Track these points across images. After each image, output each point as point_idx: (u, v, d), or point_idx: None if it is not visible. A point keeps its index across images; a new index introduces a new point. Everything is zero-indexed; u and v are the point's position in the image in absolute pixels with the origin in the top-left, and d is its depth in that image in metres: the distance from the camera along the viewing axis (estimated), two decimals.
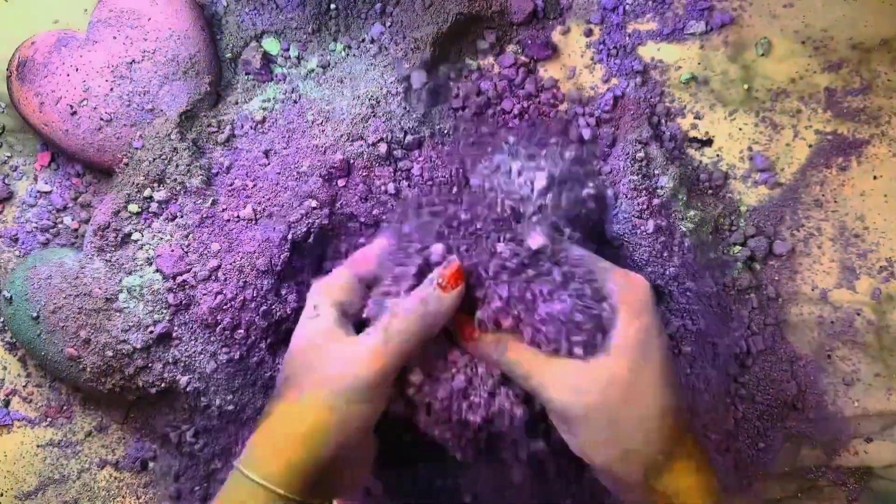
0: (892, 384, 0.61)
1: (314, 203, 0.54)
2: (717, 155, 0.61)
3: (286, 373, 0.45)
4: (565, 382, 0.43)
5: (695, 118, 0.61)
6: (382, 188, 0.55)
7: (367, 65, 0.58)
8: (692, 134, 0.61)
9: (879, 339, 0.61)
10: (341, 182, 0.55)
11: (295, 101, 0.57)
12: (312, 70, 0.59)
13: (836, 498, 0.61)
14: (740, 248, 0.61)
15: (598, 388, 0.42)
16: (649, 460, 0.43)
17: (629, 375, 0.42)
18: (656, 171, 0.58)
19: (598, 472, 0.44)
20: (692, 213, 0.59)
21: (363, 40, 0.60)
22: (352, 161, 0.55)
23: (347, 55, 0.59)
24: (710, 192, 0.61)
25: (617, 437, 0.42)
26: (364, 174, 0.55)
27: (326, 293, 0.46)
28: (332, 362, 0.43)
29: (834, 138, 0.62)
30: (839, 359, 0.61)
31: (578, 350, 0.43)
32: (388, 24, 0.59)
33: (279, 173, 0.55)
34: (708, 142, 0.61)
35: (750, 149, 0.62)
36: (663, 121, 0.61)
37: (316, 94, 0.57)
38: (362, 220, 0.55)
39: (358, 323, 0.46)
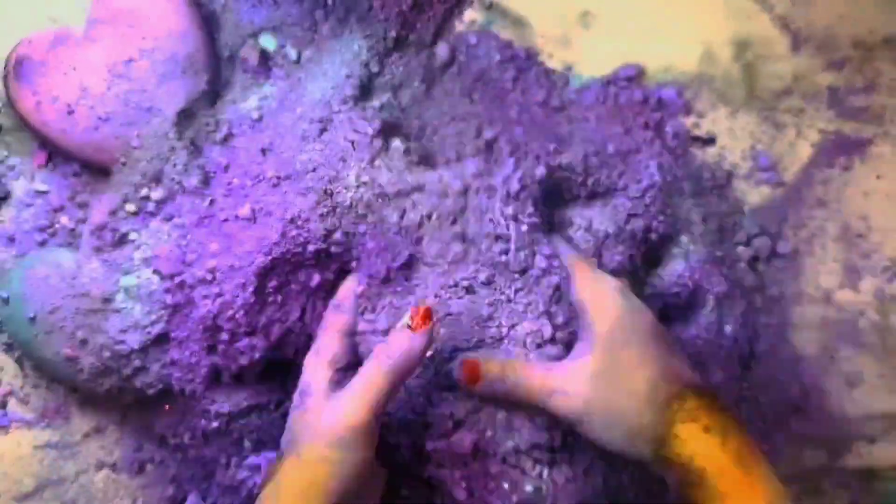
0: (895, 385, 0.61)
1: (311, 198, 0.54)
2: (720, 154, 0.61)
3: (287, 437, 0.49)
4: (560, 388, 0.47)
5: (697, 117, 0.61)
6: None
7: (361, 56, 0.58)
8: (695, 132, 0.61)
9: (883, 339, 0.61)
10: None
11: (291, 99, 0.57)
12: (308, 65, 0.59)
13: (840, 499, 0.61)
14: (744, 247, 0.61)
15: (586, 384, 0.47)
16: (650, 435, 0.46)
17: (608, 364, 0.47)
18: None
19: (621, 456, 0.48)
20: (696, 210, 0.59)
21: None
22: None
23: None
24: (713, 191, 0.61)
25: (615, 422, 0.46)
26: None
27: (317, 364, 0.51)
28: (324, 417, 0.47)
29: (837, 137, 0.61)
30: (843, 360, 0.61)
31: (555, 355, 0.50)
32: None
33: (276, 171, 0.54)
34: (710, 140, 0.61)
35: (753, 148, 0.61)
36: (665, 118, 0.61)
37: (310, 90, 0.57)
38: None
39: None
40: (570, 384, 0.47)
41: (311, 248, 0.53)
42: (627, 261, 0.55)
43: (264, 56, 0.59)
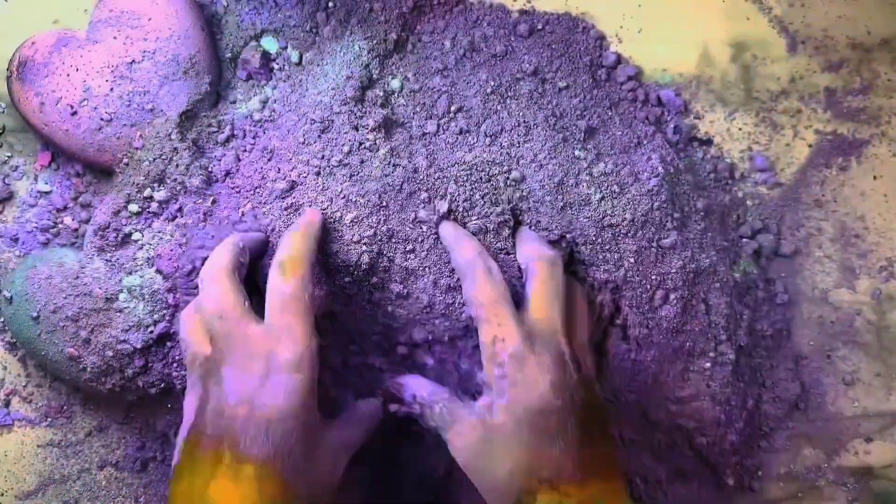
0: (892, 384, 0.61)
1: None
2: (718, 155, 0.62)
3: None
4: (454, 438, 0.48)
5: (694, 118, 0.62)
6: None
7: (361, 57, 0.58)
8: (692, 133, 0.62)
9: (879, 338, 0.61)
10: None
11: (292, 101, 0.57)
12: (309, 67, 0.59)
13: (836, 498, 0.61)
14: (748, 240, 0.61)
15: (471, 444, 0.47)
16: (513, 494, 0.46)
17: (489, 434, 0.47)
18: None
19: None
20: (700, 202, 0.59)
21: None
22: None
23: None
24: (716, 184, 0.61)
25: (480, 488, 0.47)
26: None
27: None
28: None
29: (834, 138, 0.62)
30: (839, 359, 0.61)
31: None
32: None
33: (278, 171, 0.55)
34: (708, 141, 0.62)
35: (750, 149, 0.62)
36: (667, 114, 0.61)
37: (312, 91, 0.57)
38: None
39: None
40: (458, 438, 0.48)
41: None
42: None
43: (266, 58, 0.59)
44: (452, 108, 0.56)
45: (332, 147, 0.54)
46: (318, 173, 0.54)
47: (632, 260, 0.55)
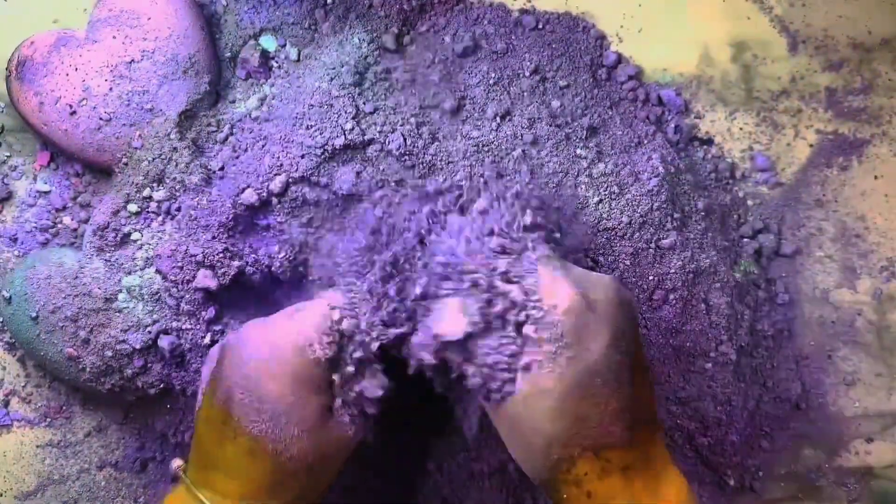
0: (892, 384, 0.61)
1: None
2: (719, 155, 0.62)
3: (260, 411, 0.45)
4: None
5: (695, 118, 0.62)
6: None
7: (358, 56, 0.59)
8: (693, 133, 0.62)
9: (880, 339, 0.61)
10: None
11: (290, 95, 0.57)
12: (306, 61, 0.59)
13: (837, 498, 0.61)
14: (749, 240, 0.61)
15: (508, 410, 0.44)
16: (537, 478, 0.45)
17: (534, 392, 0.43)
18: None
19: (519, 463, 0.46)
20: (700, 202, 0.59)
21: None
22: None
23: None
24: (717, 184, 0.61)
25: (512, 444, 0.45)
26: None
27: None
28: (315, 454, 0.46)
29: (835, 138, 0.62)
30: (840, 359, 0.61)
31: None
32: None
33: (276, 161, 0.55)
34: (708, 141, 0.62)
35: (751, 148, 0.62)
36: (667, 114, 0.61)
37: (308, 83, 0.57)
38: None
39: None
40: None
41: None
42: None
43: (265, 56, 0.59)
44: (457, 96, 0.57)
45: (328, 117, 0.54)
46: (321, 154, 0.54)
47: (628, 262, 0.56)
